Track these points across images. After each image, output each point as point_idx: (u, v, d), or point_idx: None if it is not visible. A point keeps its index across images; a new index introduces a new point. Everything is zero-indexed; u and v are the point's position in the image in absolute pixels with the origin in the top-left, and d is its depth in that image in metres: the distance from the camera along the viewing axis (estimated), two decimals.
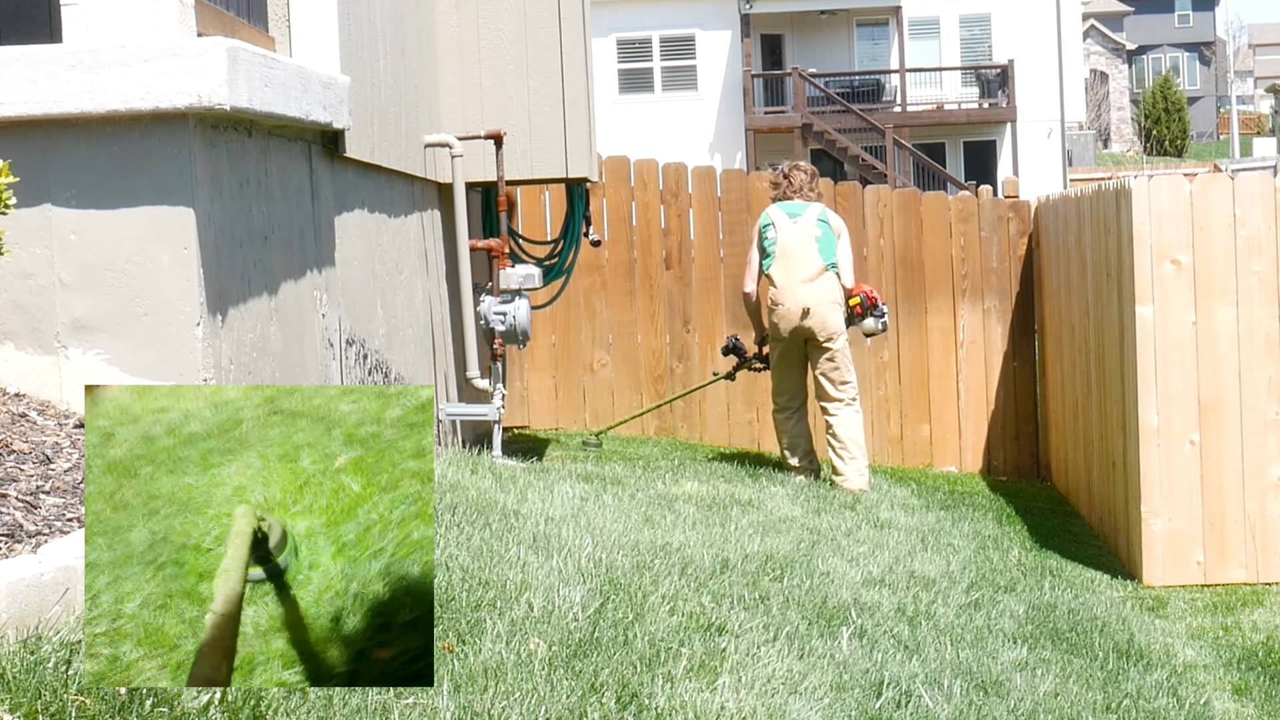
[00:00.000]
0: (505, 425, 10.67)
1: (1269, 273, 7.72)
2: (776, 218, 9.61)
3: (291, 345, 5.55)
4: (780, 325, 9.45)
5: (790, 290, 9.42)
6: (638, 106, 38.73)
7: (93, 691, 3.00)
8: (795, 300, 9.40)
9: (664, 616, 4.66)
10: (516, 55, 8.79)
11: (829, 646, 4.87)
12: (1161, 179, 7.83)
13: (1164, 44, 79.66)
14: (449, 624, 4.00)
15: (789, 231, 9.52)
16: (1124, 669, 5.66)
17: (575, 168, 8.91)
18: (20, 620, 3.28)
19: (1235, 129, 69.59)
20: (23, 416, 4.56)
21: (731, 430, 11.32)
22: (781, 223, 9.56)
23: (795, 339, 9.49)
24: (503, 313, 8.56)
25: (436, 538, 4.82)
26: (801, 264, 9.46)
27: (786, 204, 9.71)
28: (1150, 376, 7.71)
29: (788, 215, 9.60)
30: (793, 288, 9.42)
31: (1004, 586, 6.69)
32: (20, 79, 4.65)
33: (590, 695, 3.77)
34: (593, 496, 6.79)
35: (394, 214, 7.52)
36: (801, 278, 9.43)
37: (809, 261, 9.46)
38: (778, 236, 9.53)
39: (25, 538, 3.74)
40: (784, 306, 9.42)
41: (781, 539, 6.68)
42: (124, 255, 4.70)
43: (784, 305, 9.42)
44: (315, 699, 3.26)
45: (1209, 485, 7.74)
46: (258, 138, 5.26)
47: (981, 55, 40.47)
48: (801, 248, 9.48)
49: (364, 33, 6.82)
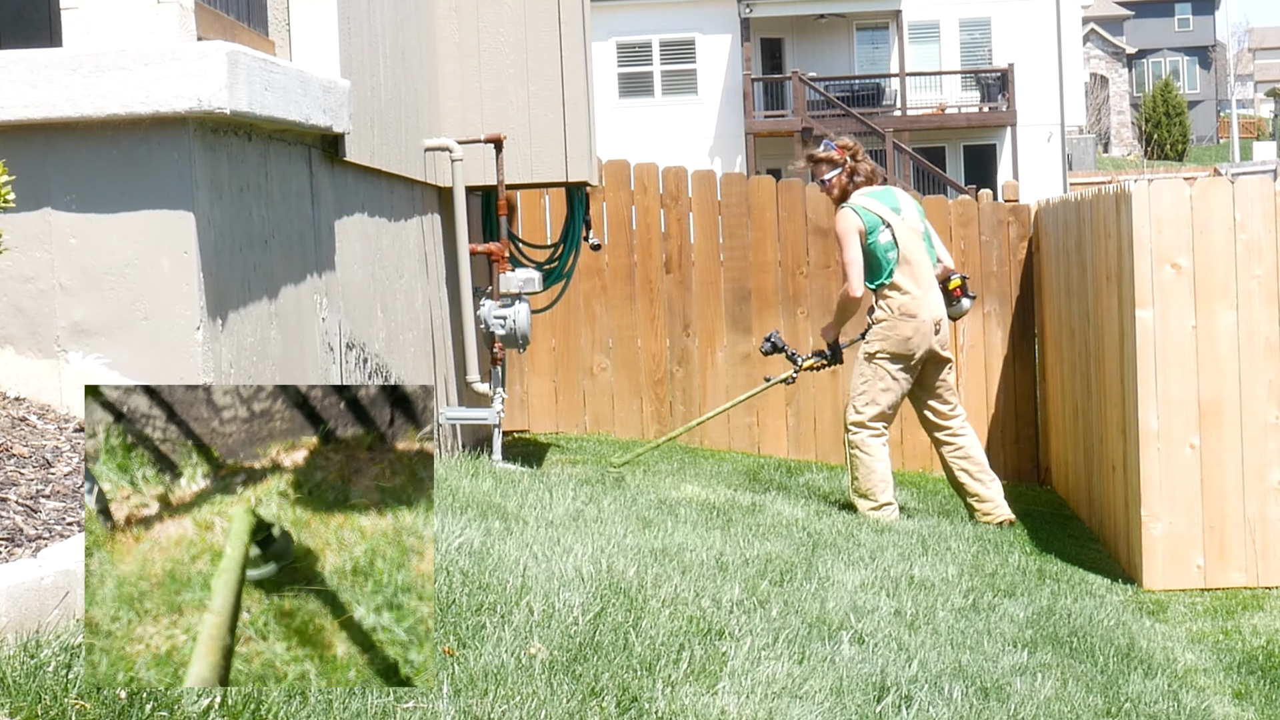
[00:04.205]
0: (505, 429, 10.67)
1: (1269, 276, 7.72)
2: (882, 212, 8.46)
3: (292, 349, 5.55)
4: (914, 340, 8.39)
5: (923, 302, 8.42)
6: (638, 110, 38.76)
7: (93, 695, 3.00)
8: (929, 312, 8.43)
9: (664, 620, 4.66)
10: (516, 59, 8.79)
11: (829, 650, 4.87)
12: (1161, 183, 7.83)
13: (1164, 48, 79.69)
14: (449, 628, 4.00)
15: (902, 230, 8.44)
16: (1124, 673, 5.65)
17: (575, 172, 8.91)
18: (20, 624, 3.28)
19: (1235, 133, 69.59)
20: (23, 420, 4.56)
21: (731, 434, 11.32)
22: (891, 219, 8.44)
23: (922, 356, 8.46)
24: (503, 317, 8.56)
25: (436, 541, 4.81)
26: (924, 270, 8.47)
27: (878, 193, 8.61)
28: (1150, 380, 7.71)
29: (890, 209, 8.50)
30: (924, 298, 8.43)
31: (1004, 590, 6.69)
32: (20, 83, 4.65)
33: (590, 699, 3.77)
34: (593, 500, 6.79)
35: (394, 218, 7.52)
36: (928, 286, 8.47)
37: (928, 265, 8.50)
38: (896, 237, 8.42)
39: (25, 542, 3.74)
40: (919, 319, 8.39)
41: (781, 543, 6.68)
42: (124, 259, 4.70)
43: (919, 317, 8.39)
44: (316, 703, 3.26)
45: (1209, 489, 7.74)
46: (258, 142, 5.26)
47: (981, 59, 40.50)
48: (918, 250, 8.46)
49: (364, 37, 6.82)
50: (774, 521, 7.34)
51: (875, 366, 8.51)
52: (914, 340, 8.42)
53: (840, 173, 8.68)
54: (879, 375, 8.49)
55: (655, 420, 11.36)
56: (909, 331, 8.41)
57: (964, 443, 8.68)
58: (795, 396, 11.24)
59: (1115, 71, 74.50)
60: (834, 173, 8.70)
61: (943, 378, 8.63)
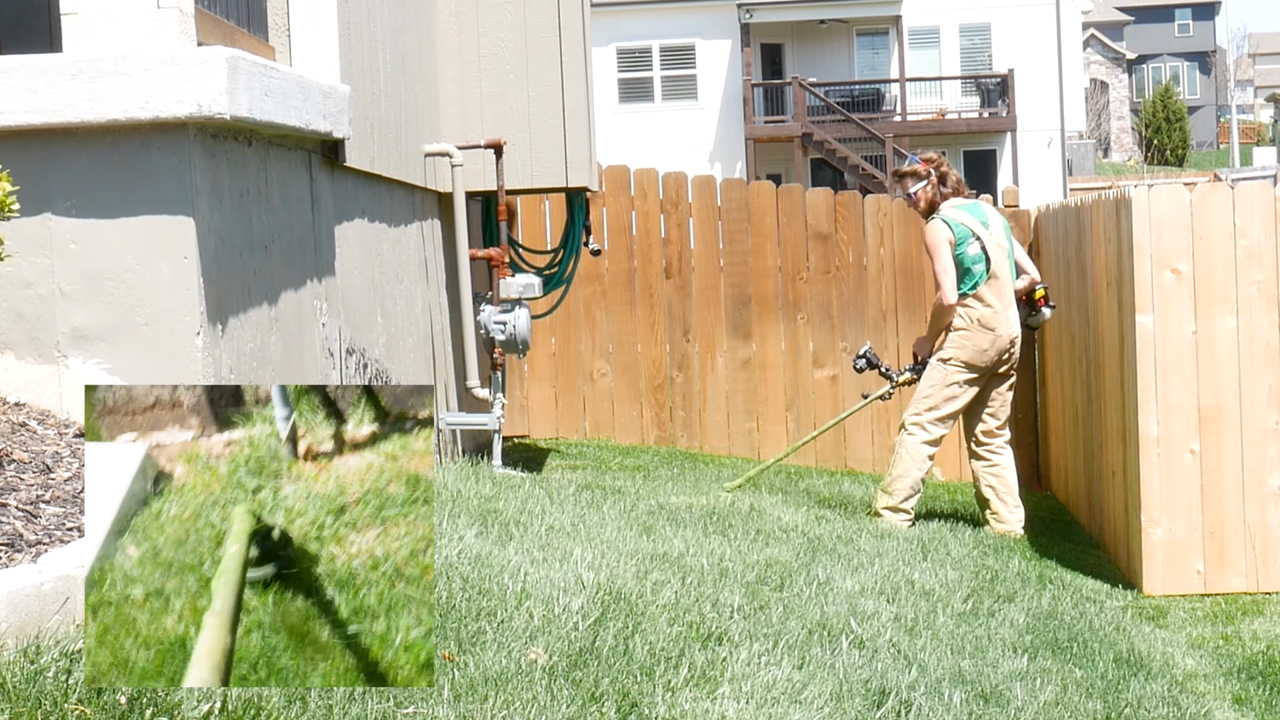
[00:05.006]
0: (505, 434, 10.67)
1: (1269, 282, 7.72)
2: (971, 224, 8.61)
3: (292, 354, 5.55)
4: (989, 352, 8.54)
5: (1003, 317, 8.57)
6: (638, 116, 38.77)
7: (92, 700, 3.00)
8: (1008, 327, 8.58)
9: (664, 626, 4.66)
10: (516, 64, 8.79)
11: (829, 656, 4.87)
12: (1161, 188, 7.83)
13: (1164, 53, 79.74)
14: (449, 633, 4.00)
15: (991, 244, 8.59)
16: (1124, 679, 5.65)
17: (575, 177, 8.91)
18: (20, 629, 3.28)
19: (1235, 138, 69.67)
20: (23, 426, 4.56)
21: (731, 440, 11.32)
22: (981, 233, 8.59)
23: (991, 369, 8.61)
24: (503, 322, 8.56)
25: (436, 546, 4.81)
26: (1007, 286, 8.61)
27: (967, 206, 8.74)
28: (1150, 385, 7.71)
29: (980, 223, 8.64)
30: (1005, 313, 8.58)
31: (1004, 596, 6.69)
32: (20, 88, 4.65)
33: (590, 705, 3.77)
34: (593, 505, 6.79)
35: (394, 223, 7.52)
36: (1009, 302, 8.62)
37: (1010, 282, 8.64)
38: (985, 249, 8.57)
39: (25, 547, 3.74)
40: (997, 333, 8.54)
41: (781, 548, 6.68)
42: (124, 264, 4.70)
43: (997, 331, 8.54)
44: (316, 707, 3.26)
45: (1209, 494, 7.74)
46: (258, 147, 5.26)
47: (981, 65, 40.51)
48: (1003, 265, 8.61)
49: (364, 42, 6.82)
50: (773, 526, 7.34)
51: (946, 372, 8.63)
52: (989, 353, 8.56)
53: (925, 185, 8.79)
54: (948, 380, 8.62)
55: (655, 426, 11.36)
56: (985, 344, 8.55)
57: (1001, 463, 8.74)
58: (796, 402, 11.24)
59: (1115, 77, 74.54)
60: (919, 185, 8.81)
61: (1000, 392, 8.72)
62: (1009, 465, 8.77)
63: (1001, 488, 8.72)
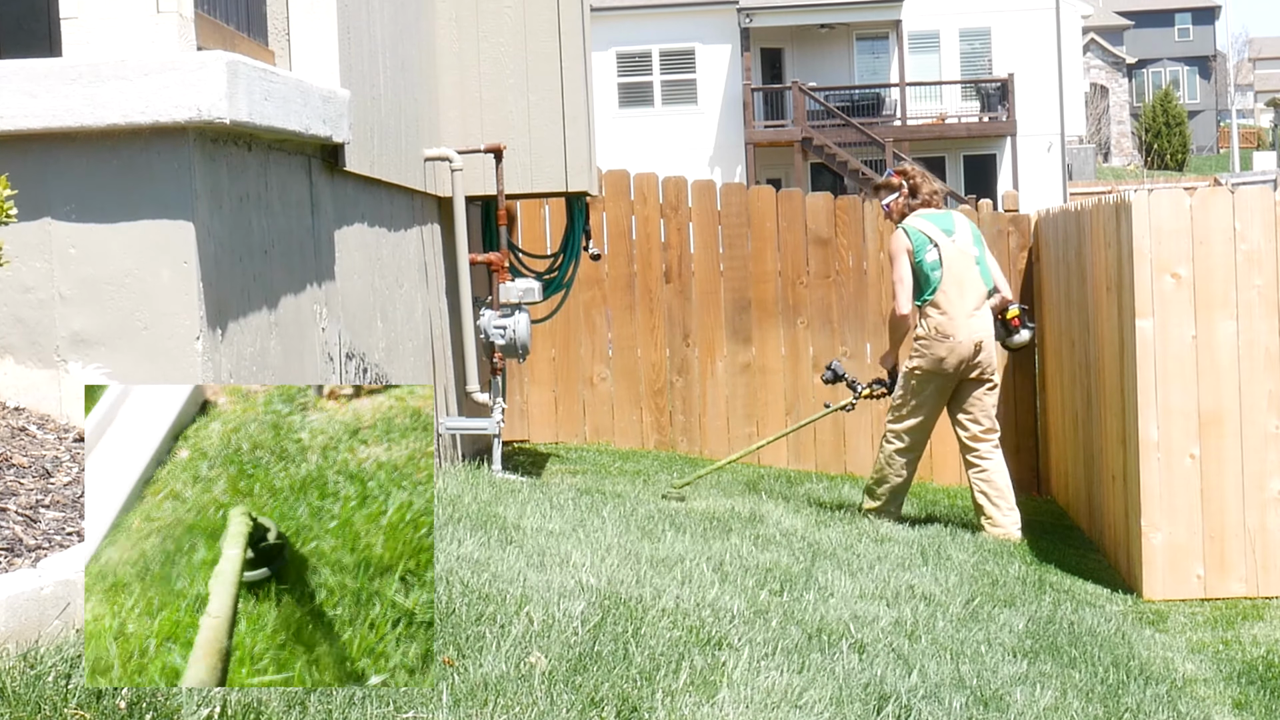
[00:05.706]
0: (505, 439, 10.66)
1: (1269, 286, 7.72)
2: (931, 232, 8.64)
3: (291, 359, 5.55)
4: (948, 360, 8.54)
5: (961, 322, 8.55)
6: (637, 120, 38.79)
7: (92, 705, 3.00)
8: (968, 333, 8.56)
9: (664, 630, 4.66)
10: (516, 69, 8.79)
11: (829, 661, 4.87)
12: (1161, 193, 7.83)
13: (1164, 58, 79.74)
14: (449, 637, 4.00)
15: (950, 251, 8.61)
16: (1124, 683, 5.65)
17: (575, 181, 8.92)
18: (20, 634, 3.28)
19: (1235, 143, 69.68)
20: (22, 430, 4.56)
21: (731, 444, 11.32)
22: (940, 240, 8.62)
23: (957, 376, 8.61)
24: (503, 326, 8.56)
25: (436, 551, 4.81)
26: (969, 291, 8.60)
27: (934, 215, 8.77)
28: (1150, 390, 7.71)
29: (943, 231, 8.68)
30: (963, 319, 8.56)
31: (1003, 600, 6.69)
32: (20, 93, 4.65)
33: (590, 709, 3.77)
34: (593, 510, 6.79)
35: (394, 228, 7.52)
36: (971, 307, 8.59)
37: (975, 288, 8.63)
38: (941, 256, 8.59)
39: (25, 552, 3.74)
40: (954, 340, 8.53)
41: (781, 553, 6.67)
42: (124, 269, 4.70)
43: (954, 338, 8.54)
44: (315, 711, 3.26)
45: (1209, 499, 7.74)
46: (258, 151, 5.26)
47: (981, 69, 40.53)
48: (965, 271, 8.61)
49: (364, 46, 6.82)
50: (773, 531, 7.34)
51: (909, 383, 8.72)
52: (948, 360, 8.56)
53: (897, 196, 8.88)
54: (910, 391, 8.70)
55: (655, 430, 11.36)
56: (943, 351, 8.56)
57: (990, 467, 8.72)
58: (796, 406, 11.24)
59: (1115, 81, 74.55)
60: (891, 197, 8.91)
61: (978, 397, 8.69)
62: (999, 469, 8.75)
63: (993, 492, 8.70)
